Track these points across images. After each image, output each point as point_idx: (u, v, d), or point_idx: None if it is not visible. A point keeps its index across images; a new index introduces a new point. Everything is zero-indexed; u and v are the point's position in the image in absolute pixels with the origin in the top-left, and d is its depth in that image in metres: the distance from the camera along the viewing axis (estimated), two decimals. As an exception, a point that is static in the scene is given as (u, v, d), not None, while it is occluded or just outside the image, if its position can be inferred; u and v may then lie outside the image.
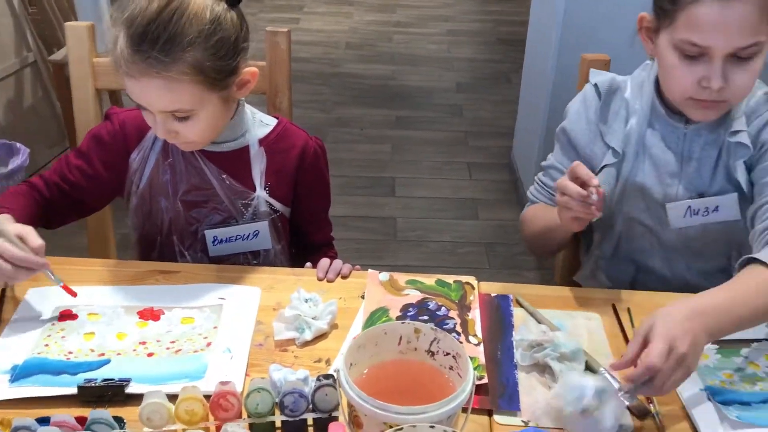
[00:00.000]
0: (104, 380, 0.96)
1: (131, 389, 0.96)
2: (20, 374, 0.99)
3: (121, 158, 1.27)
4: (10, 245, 1.03)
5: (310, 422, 0.91)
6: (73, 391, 0.95)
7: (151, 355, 1.04)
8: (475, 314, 1.13)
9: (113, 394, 0.95)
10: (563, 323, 1.12)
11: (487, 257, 2.68)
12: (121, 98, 3.02)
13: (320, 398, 0.89)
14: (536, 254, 1.43)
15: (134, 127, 1.26)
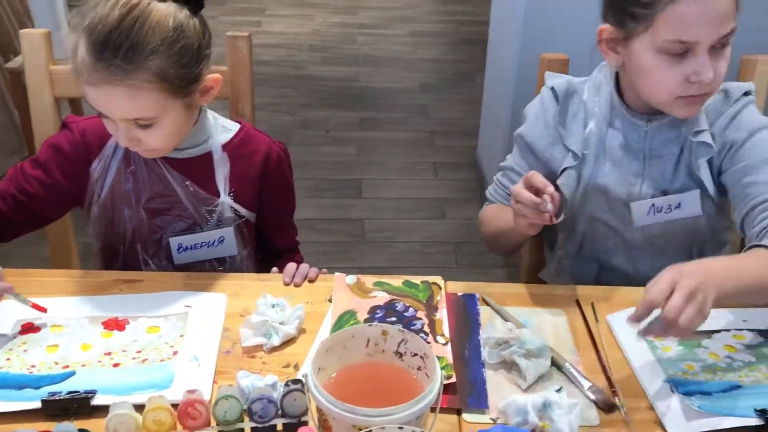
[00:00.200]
0: (69, 393, 0.95)
1: (97, 401, 0.95)
2: (-18, 390, 0.97)
3: (81, 167, 1.25)
4: None
5: (279, 428, 0.91)
6: (37, 405, 0.93)
7: (116, 365, 1.03)
8: (442, 314, 1.13)
9: (79, 406, 0.94)
10: (529, 320, 1.13)
11: (455, 256, 2.70)
12: (81, 106, 2.98)
13: (289, 403, 0.89)
14: (495, 252, 1.44)
15: (95, 135, 1.24)
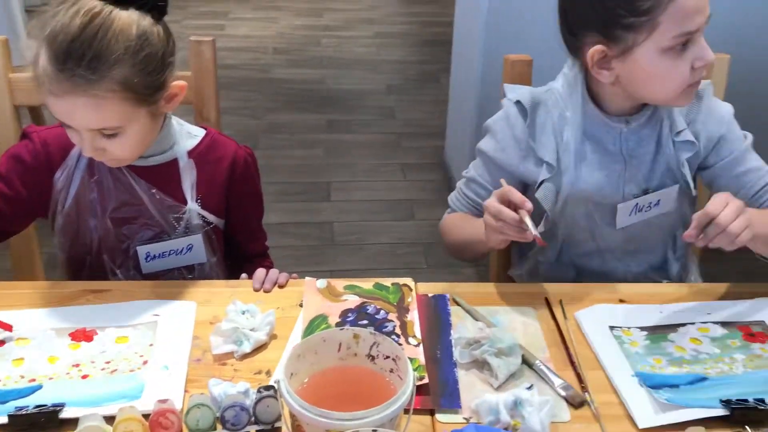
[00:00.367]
0: (36, 407, 0.93)
1: (66, 414, 0.93)
2: (-54, 407, 0.95)
3: (44, 178, 1.23)
4: None
5: (253, 434, 0.91)
6: (3, 420, 0.92)
7: (85, 377, 1.01)
8: (413, 315, 1.14)
9: (47, 420, 0.92)
10: (499, 319, 1.14)
11: (424, 257, 2.71)
12: (43, 114, 2.92)
13: (262, 410, 0.89)
14: (459, 260, 1.45)
15: (57, 145, 1.22)
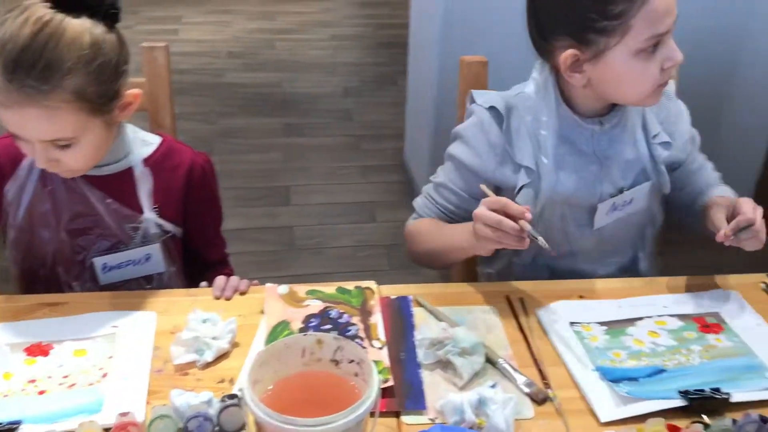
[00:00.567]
0: (-8, 425, 0.91)
1: (23, 431, 0.91)
2: None
3: (-6, 190, 1.20)
4: None
5: (217, 445, 0.90)
6: (-43, 440, 0.90)
7: (42, 392, 0.99)
8: (377, 318, 1.14)
9: (3, 438, 0.90)
10: (462, 319, 1.15)
11: (387, 259, 2.71)
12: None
13: (226, 419, 0.88)
14: (425, 267, 1.43)
15: (7, 155, 1.19)
